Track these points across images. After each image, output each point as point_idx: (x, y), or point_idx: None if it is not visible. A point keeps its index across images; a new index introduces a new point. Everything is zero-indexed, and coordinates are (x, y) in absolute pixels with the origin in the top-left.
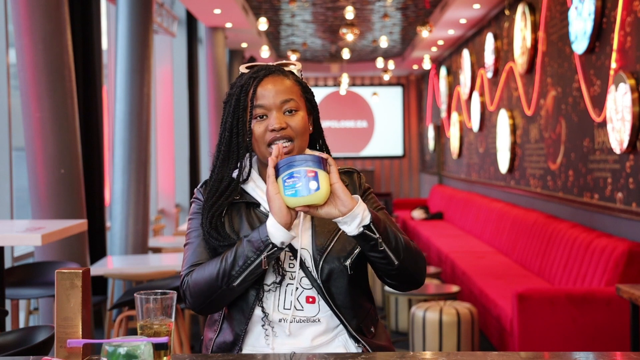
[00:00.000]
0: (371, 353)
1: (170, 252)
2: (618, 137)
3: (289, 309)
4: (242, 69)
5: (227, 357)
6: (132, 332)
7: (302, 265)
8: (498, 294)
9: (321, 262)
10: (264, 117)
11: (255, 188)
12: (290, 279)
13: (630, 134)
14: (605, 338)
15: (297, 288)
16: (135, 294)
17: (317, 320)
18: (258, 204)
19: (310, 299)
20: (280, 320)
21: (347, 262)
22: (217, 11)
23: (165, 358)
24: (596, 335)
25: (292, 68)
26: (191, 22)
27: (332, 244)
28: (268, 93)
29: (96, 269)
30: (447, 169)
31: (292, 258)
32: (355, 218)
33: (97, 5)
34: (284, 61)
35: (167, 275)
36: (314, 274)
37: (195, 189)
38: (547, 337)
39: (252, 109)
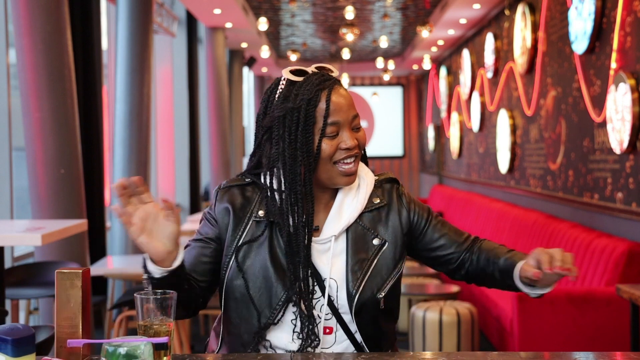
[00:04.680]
0: (371, 353)
1: None
2: (618, 137)
3: (301, 340)
4: (287, 74)
5: (227, 357)
6: (132, 332)
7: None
8: (498, 294)
9: (357, 295)
10: (336, 134)
11: None
12: (309, 309)
13: (630, 134)
14: (605, 338)
15: (317, 318)
16: (135, 294)
17: (330, 352)
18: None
19: (327, 330)
20: (289, 351)
21: (381, 295)
22: (217, 11)
23: (165, 358)
24: (596, 336)
25: (335, 74)
26: (191, 22)
27: (367, 275)
28: (341, 108)
29: (96, 269)
30: (447, 169)
31: (315, 285)
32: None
33: (97, 5)
34: (325, 65)
35: None
36: (340, 305)
37: (215, 190)
38: (547, 337)
39: (325, 126)
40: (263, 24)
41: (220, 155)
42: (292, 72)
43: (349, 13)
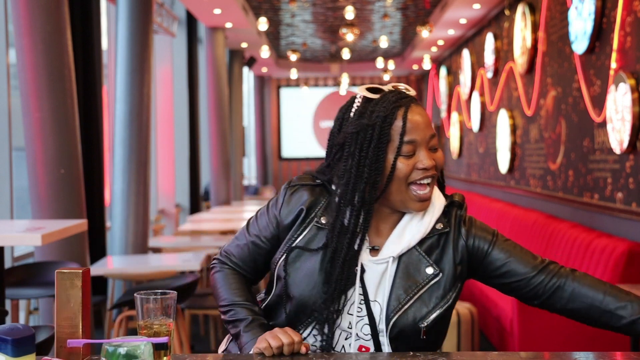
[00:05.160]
0: (371, 353)
1: (170, 252)
2: (618, 137)
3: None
4: (363, 91)
5: (227, 357)
6: (132, 332)
7: (370, 316)
8: (498, 294)
9: (393, 319)
10: (412, 154)
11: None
12: (348, 327)
13: (630, 134)
14: (605, 338)
15: (355, 336)
16: (135, 294)
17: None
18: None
19: (364, 349)
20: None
21: (424, 325)
22: (217, 11)
23: (165, 358)
24: (596, 335)
25: (412, 94)
26: (191, 22)
27: (410, 302)
28: (418, 127)
29: (96, 269)
30: (447, 169)
31: (361, 303)
32: None
33: (97, 5)
34: (401, 84)
35: (167, 275)
36: (380, 328)
37: (284, 187)
38: (547, 337)
39: (401, 145)
40: (263, 24)
41: (220, 155)
42: (369, 89)
43: (349, 13)
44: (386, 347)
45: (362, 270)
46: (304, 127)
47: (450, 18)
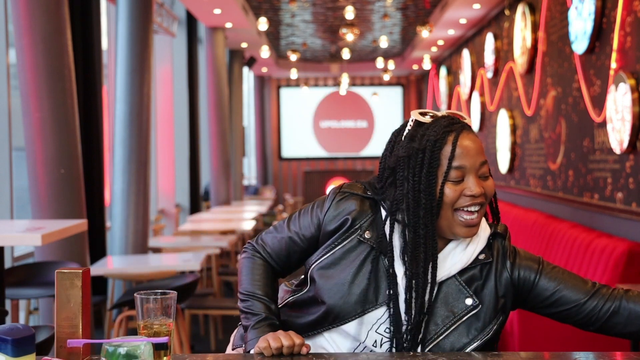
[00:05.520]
0: (372, 353)
1: (170, 252)
2: (618, 137)
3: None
4: (416, 115)
5: (228, 357)
6: (132, 332)
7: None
8: None
9: (428, 348)
10: (461, 180)
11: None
12: (373, 345)
13: (630, 134)
14: (605, 338)
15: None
16: (135, 294)
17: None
18: (390, 257)
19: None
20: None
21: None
22: (217, 11)
23: (165, 358)
24: (596, 335)
25: (467, 121)
26: (191, 22)
27: (446, 332)
28: (468, 153)
29: (96, 269)
30: None
31: (391, 324)
32: None
33: (97, 5)
34: (457, 112)
35: (167, 275)
36: (406, 346)
37: (334, 192)
38: (547, 337)
39: (449, 170)
40: (263, 24)
41: (220, 155)
42: (421, 113)
43: (349, 13)
44: None
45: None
46: (304, 127)
47: (450, 18)
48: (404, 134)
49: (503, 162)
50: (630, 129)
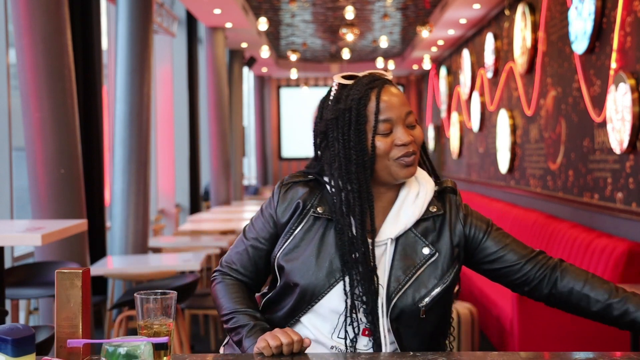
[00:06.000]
0: (372, 353)
1: (170, 252)
2: (618, 137)
3: (342, 339)
4: (339, 79)
5: (227, 357)
6: (132, 332)
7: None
8: (498, 294)
9: (394, 300)
10: (389, 132)
11: None
12: (352, 312)
13: (630, 134)
14: (605, 338)
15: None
16: (135, 294)
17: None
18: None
19: (367, 332)
20: (332, 347)
21: (422, 304)
22: (217, 11)
23: (165, 358)
24: (596, 335)
25: (389, 76)
26: (191, 22)
27: (409, 282)
28: (392, 105)
29: (96, 269)
30: (447, 169)
31: (359, 284)
32: None
33: (97, 5)
34: (377, 70)
35: (167, 275)
36: (382, 311)
37: (277, 186)
38: (547, 337)
39: (376, 124)
40: (263, 24)
41: (220, 155)
42: (344, 77)
43: (349, 13)
44: (386, 329)
45: (367, 250)
46: (304, 127)
47: (450, 18)
48: (330, 98)
49: (503, 162)
50: (630, 129)
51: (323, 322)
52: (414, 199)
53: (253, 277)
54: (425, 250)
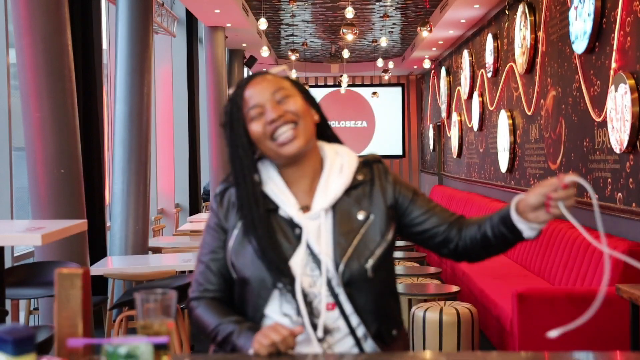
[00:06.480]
0: (371, 353)
1: (170, 252)
2: (618, 137)
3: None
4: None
5: (227, 356)
6: (132, 332)
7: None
8: (498, 294)
9: (342, 266)
10: (262, 115)
11: (275, 190)
12: (310, 286)
13: (630, 134)
14: (605, 338)
15: (317, 296)
16: (135, 294)
17: (336, 328)
18: (276, 208)
19: (330, 306)
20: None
21: (368, 265)
22: (217, 11)
23: (165, 358)
24: (596, 335)
25: (275, 70)
26: (191, 22)
27: (352, 246)
28: (257, 91)
29: (96, 269)
30: (447, 169)
31: (313, 262)
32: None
33: (97, 5)
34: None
35: (167, 275)
36: (335, 279)
37: (212, 197)
38: (547, 337)
39: (248, 111)
40: (263, 24)
41: (220, 155)
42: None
43: (349, 13)
44: (343, 297)
45: (301, 230)
46: None
47: (450, 18)
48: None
49: (503, 162)
50: (630, 129)
51: (290, 309)
52: (339, 171)
53: (224, 289)
54: (360, 216)
